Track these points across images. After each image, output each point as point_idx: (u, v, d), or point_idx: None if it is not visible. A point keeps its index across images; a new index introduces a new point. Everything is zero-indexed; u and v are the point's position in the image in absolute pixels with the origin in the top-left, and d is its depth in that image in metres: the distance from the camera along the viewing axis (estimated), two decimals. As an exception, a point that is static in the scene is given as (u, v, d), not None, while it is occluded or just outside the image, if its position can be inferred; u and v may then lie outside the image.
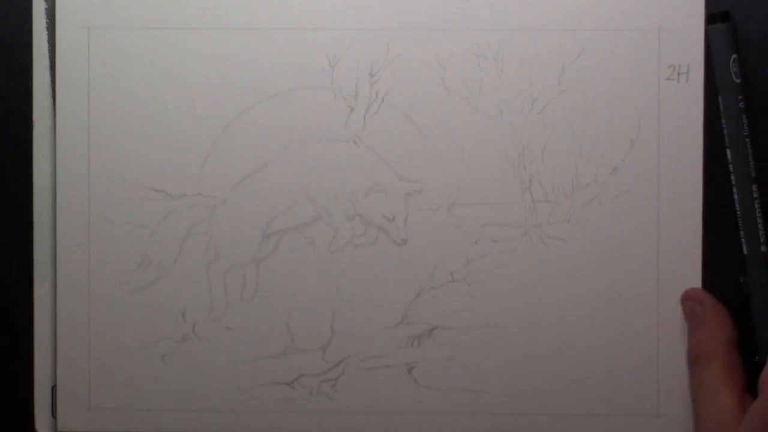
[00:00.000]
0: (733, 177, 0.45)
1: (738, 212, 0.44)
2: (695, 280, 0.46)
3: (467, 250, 0.47)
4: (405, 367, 0.47)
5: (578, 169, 0.47)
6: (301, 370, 0.47)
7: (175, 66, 0.47)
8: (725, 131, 0.45)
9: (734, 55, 0.44)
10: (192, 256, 0.47)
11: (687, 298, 0.42)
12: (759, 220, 0.43)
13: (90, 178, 0.47)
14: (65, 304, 0.47)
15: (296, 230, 0.47)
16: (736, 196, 0.44)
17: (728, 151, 0.45)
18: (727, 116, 0.45)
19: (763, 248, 0.43)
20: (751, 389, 0.41)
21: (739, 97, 0.45)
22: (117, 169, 0.47)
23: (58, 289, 0.47)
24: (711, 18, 0.45)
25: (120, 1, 0.47)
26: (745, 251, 0.44)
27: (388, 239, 0.47)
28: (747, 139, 0.45)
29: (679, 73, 0.46)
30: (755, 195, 0.44)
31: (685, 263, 0.46)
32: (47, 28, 0.47)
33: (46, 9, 0.47)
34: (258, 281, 0.47)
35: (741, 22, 0.47)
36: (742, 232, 0.44)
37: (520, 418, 0.47)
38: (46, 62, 0.47)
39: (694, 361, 0.41)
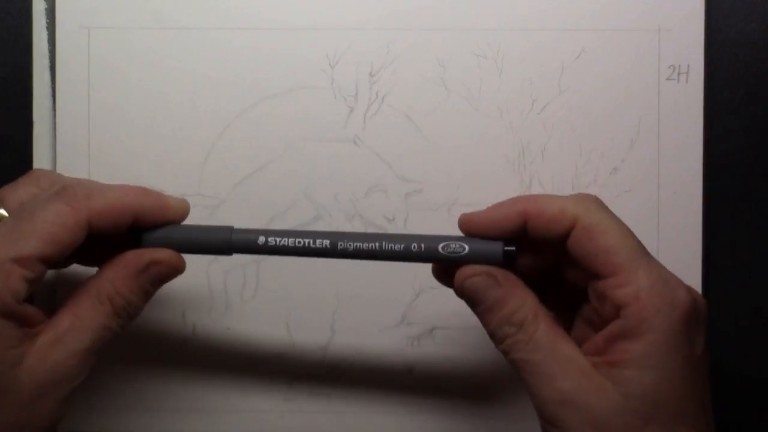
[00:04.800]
0: None
1: None
2: (695, 280, 0.46)
3: (467, 250, 0.47)
4: (405, 367, 0.47)
5: (578, 169, 0.47)
6: (301, 370, 0.47)
7: (175, 66, 0.47)
8: None
9: None
10: (192, 256, 0.47)
11: (474, 275, 0.37)
12: None
13: (90, 178, 0.46)
14: (65, 304, 0.47)
15: (296, 230, 0.47)
16: None
17: None
18: None
19: None
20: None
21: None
22: (117, 169, 0.47)
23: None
24: None
25: (120, 1, 0.47)
26: None
27: (388, 239, 0.47)
28: None
29: (679, 73, 0.46)
30: None
31: (685, 263, 0.46)
32: (47, 28, 0.47)
33: (46, 9, 0.47)
34: (258, 281, 0.47)
35: (741, 22, 0.47)
36: None
37: (520, 419, 0.47)
38: (46, 62, 0.47)
39: (518, 327, 0.36)
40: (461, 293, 0.37)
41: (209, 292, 0.47)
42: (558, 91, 0.46)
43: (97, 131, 0.47)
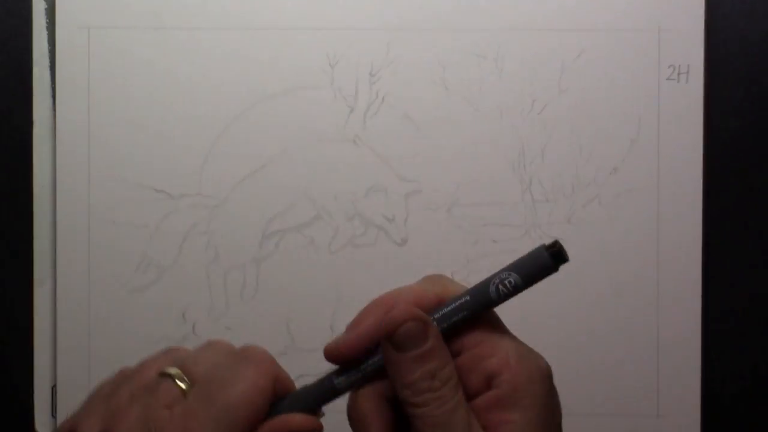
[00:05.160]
0: None
1: None
2: (695, 280, 0.46)
3: (467, 250, 0.47)
4: (405, 367, 0.47)
5: (578, 169, 0.47)
6: (301, 370, 0.47)
7: (175, 66, 0.47)
8: None
9: None
10: (192, 256, 0.47)
11: (411, 319, 0.34)
12: None
13: (90, 178, 0.47)
14: (65, 304, 0.47)
15: (296, 230, 0.47)
16: None
17: None
18: None
19: None
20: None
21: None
22: (117, 169, 0.47)
23: (58, 289, 0.47)
24: None
25: (120, 1, 0.47)
26: None
27: (388, 239, 0.47)
28: None
29: (679, 73, 0.46)
30: None
31: (685, 263, 0.46)
32: (47, 28, 0.47)
33: (46, 9, 0.47)
34: (258, 281, 0.47)
35: (741, 21, 0.47)
36: None
37: (520, 418, 0.47)
38: (46, 62, 0.47)
39: (443, 383, 0.34)
40: (391, 337, 0.34)
41: (209, 292, 0.47)
42: (558, 91, 0.46)
43: (97, 131, 0.47)
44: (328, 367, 0.49)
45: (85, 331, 0.47)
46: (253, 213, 0.47)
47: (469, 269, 0.47)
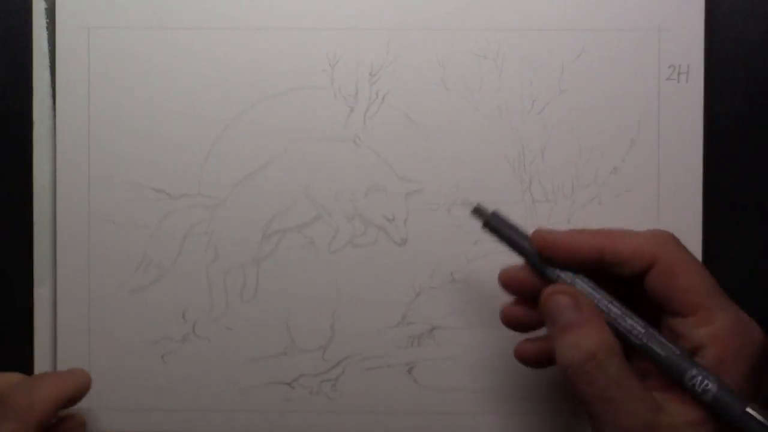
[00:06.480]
0: None
1: None
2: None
3: (467, 250, 0.47)
4: (405, 367, 0.47)
5: (578, 169, 0.47)
6: (301, 370, 0.47)
7: (175, 66, 0.47)
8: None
9: None
10: (192, 256, 0.47)
11: (558, 293, 0.36)
12: None
13: (90, 178, 0.47)
14: (65, 304, 0.47)
15: (296, 230, 0.47)
16: None
17: None
18: None
19: None
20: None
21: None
22: (117, 169, 0.47)
23: (58, 289, 0.47)
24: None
25: (120, 1, 0.47)
26: None
27: (388, 239, 0.47)
28: None
29: (679, 73, 0.46)
30: None
31: (685, 263, 0.46)
32: (47, 28, 0.47)
33: (46, 9, 0.47)
34: (258, 281, 0.47)
35: (741, 22, 0.47)
36: None
37: (520, 418, 0.47)
38: (46, 62, 0.47)
39: (588, 357, 0.35)
40: (542, 309, 0.37)
41: (209, 292, 0.47)
42: (558, 91, 0.47)
43: (97, 131, 0.47)
44: (324, 367, 0.49)
45: (85, 331, 0.47)
46: (253, 213, 0.47)
47: (469, 269, 0.47)
